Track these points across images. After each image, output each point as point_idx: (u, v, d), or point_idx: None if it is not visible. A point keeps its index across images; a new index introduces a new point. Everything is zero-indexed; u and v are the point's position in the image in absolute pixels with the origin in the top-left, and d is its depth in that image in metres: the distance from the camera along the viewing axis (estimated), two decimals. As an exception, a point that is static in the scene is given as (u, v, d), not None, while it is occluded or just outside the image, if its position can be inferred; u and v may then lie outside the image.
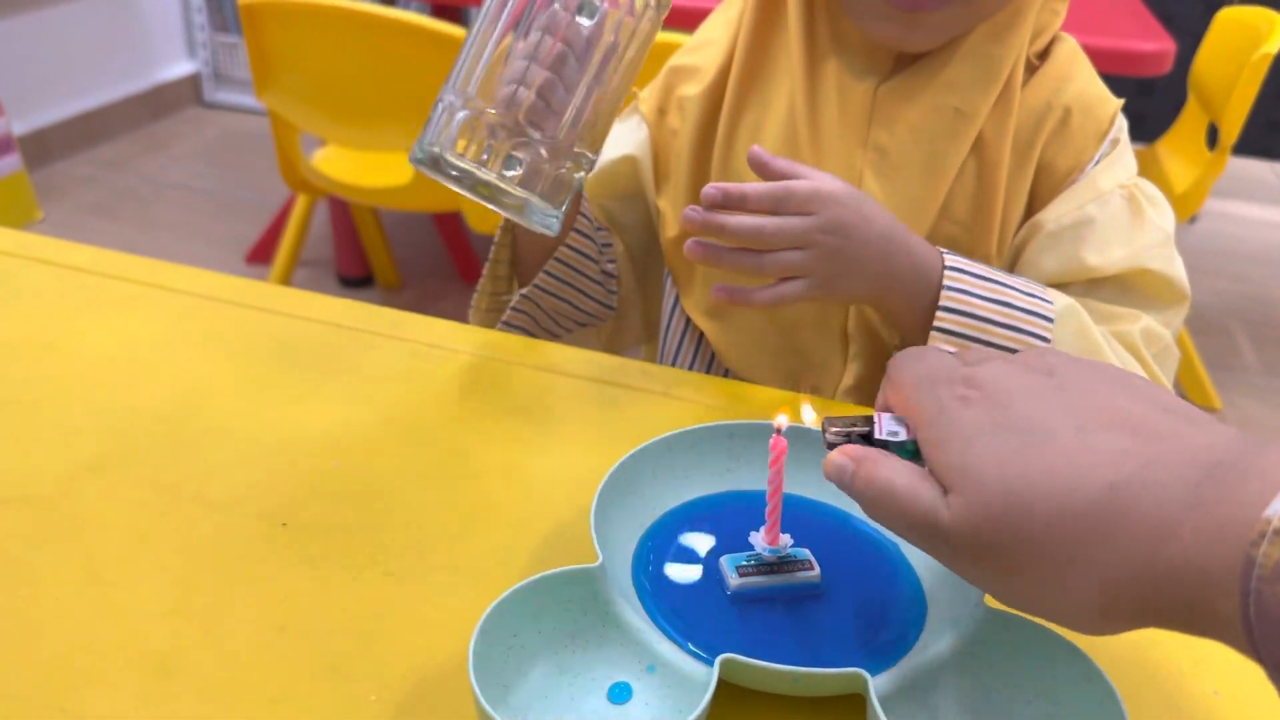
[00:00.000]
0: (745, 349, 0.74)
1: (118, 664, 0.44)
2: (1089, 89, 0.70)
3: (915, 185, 0.68)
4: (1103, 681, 0.40)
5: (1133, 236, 0.68)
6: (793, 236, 0.60)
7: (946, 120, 0.67)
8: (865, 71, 0.68)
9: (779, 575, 0.47)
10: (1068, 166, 0.69)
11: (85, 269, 0.74)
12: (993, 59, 0.66)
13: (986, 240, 0.69)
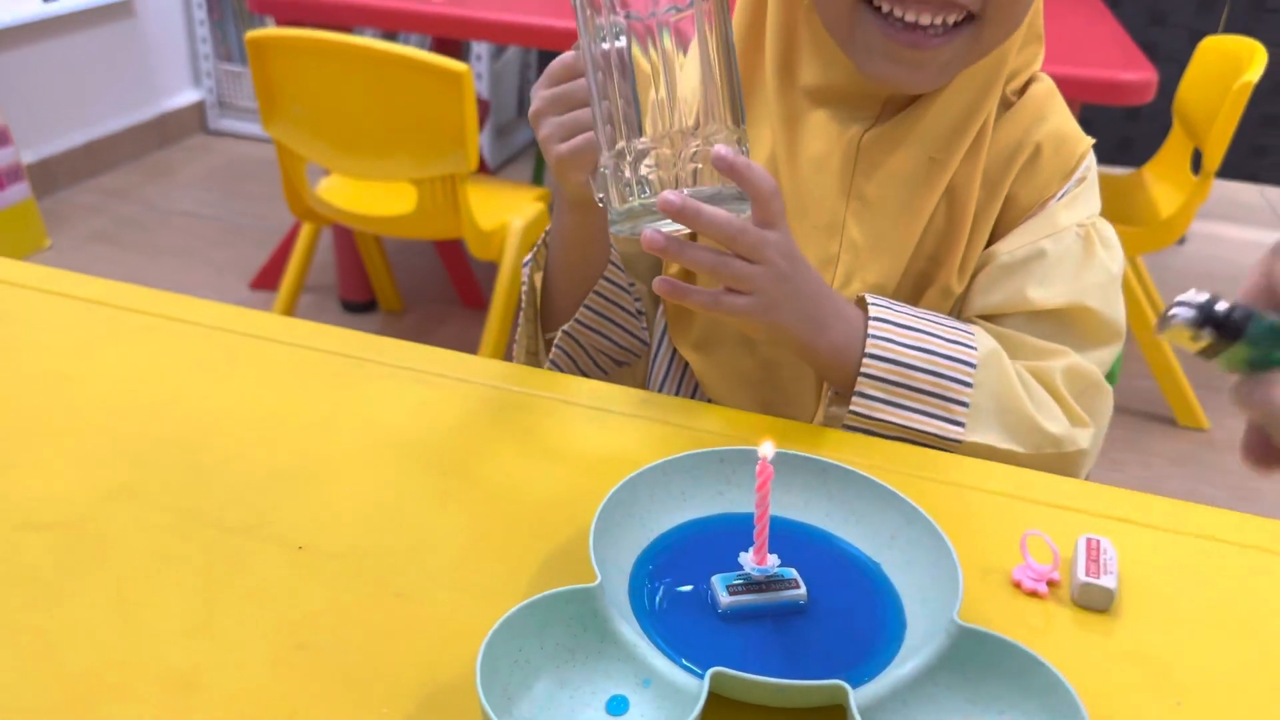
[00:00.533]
0: (727, 382, 0.77)
1: (143, 680, 0.46)
2: (1062, 128, 0.73)
3: (893, 229, 0.71)
4: (1067, 693, 0.43)
5: (1079, 274, 0.70)
6: (752, 244, 0.61)
7: (923, 168, 0.70)
8: (850, 120, 0.71)
9: (767, 594, 0.50)
10: (1031, 200, 0.72)
11: (102, 301, 0.77)
12: (969, 109, 0.69)
13: (949, 270, 0.72)
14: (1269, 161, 2.85)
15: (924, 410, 0.66)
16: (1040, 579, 0.54)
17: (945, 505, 0.60)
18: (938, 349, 0.66)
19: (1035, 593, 0.54)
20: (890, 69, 0.66)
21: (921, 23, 0.64)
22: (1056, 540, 0.55)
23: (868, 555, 0.54)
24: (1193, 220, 2.93)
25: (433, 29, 1.91)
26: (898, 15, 0.64)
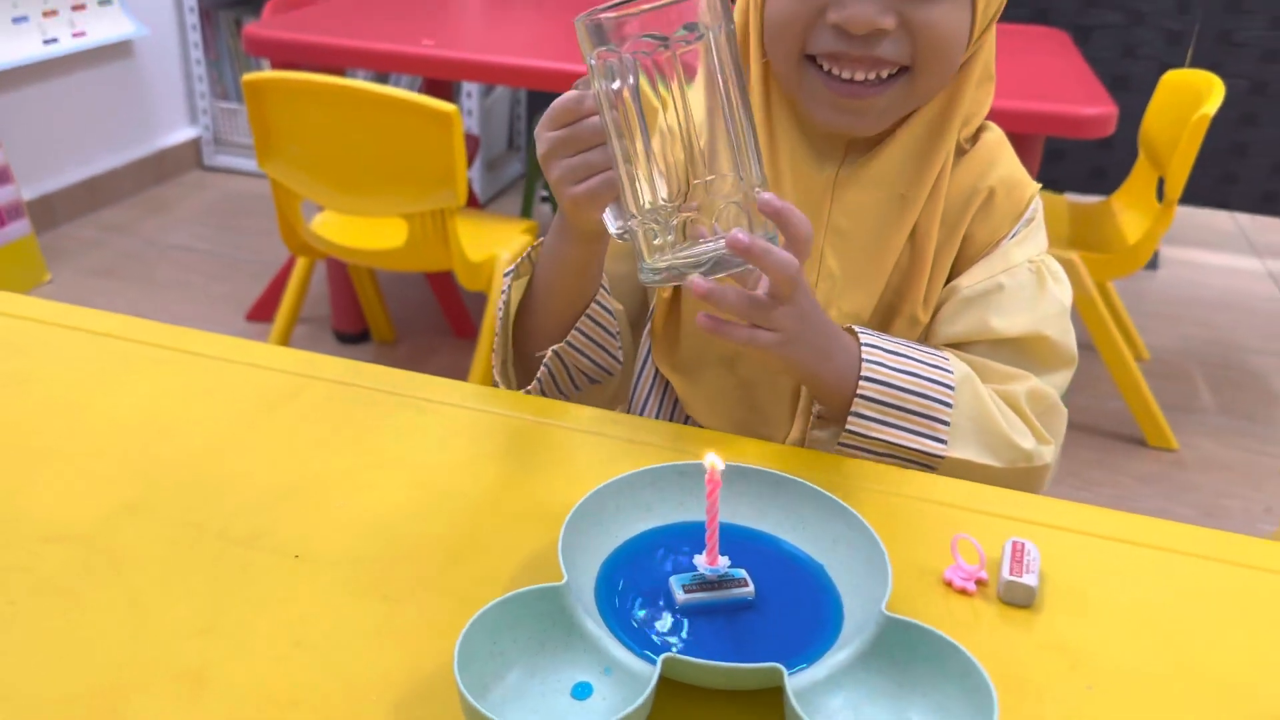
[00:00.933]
0: (707, 401, 0.83)
1: (158, 675, 0.52)
2: (1012, 174, 0.79)
3: (867, 261, 0.77)
4: (980, 675, 0.49)
5: (1035, 305, 0.77)
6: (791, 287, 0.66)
7: (893, 204, 0.76)
8: (823, 159, 0.77)
9: (718, 591, 0.56)
10: (986, 239, 0.78)
11: (113, 335, 0.83)
12: (930, 150, 0.75)
13: (914, 302, 0.78)
14: (1239, 189, 2.93)
15: (911, 429, 0.72)
16: (969, 578, 0.60)
17: (885, 514, 0.65)
18: (921, 372, 0.72)
19: (965, 591, 0.59)
20: (835, 116, 0.73)
21: (856, 79, 0.70)
22: (985, 544, 0.61)
23: (812, 557, 0.59)
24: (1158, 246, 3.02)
25: (423, 70, 1.98)
26: (836, 72, 0.71)
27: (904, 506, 0.67)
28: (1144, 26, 2.80)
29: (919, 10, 0.68)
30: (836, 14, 0.68)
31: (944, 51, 0.70)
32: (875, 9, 0.68)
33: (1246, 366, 2.43)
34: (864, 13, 0.67)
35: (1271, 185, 2.89)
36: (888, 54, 0.69)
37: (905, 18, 0.68)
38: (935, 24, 0.69)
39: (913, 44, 0.69)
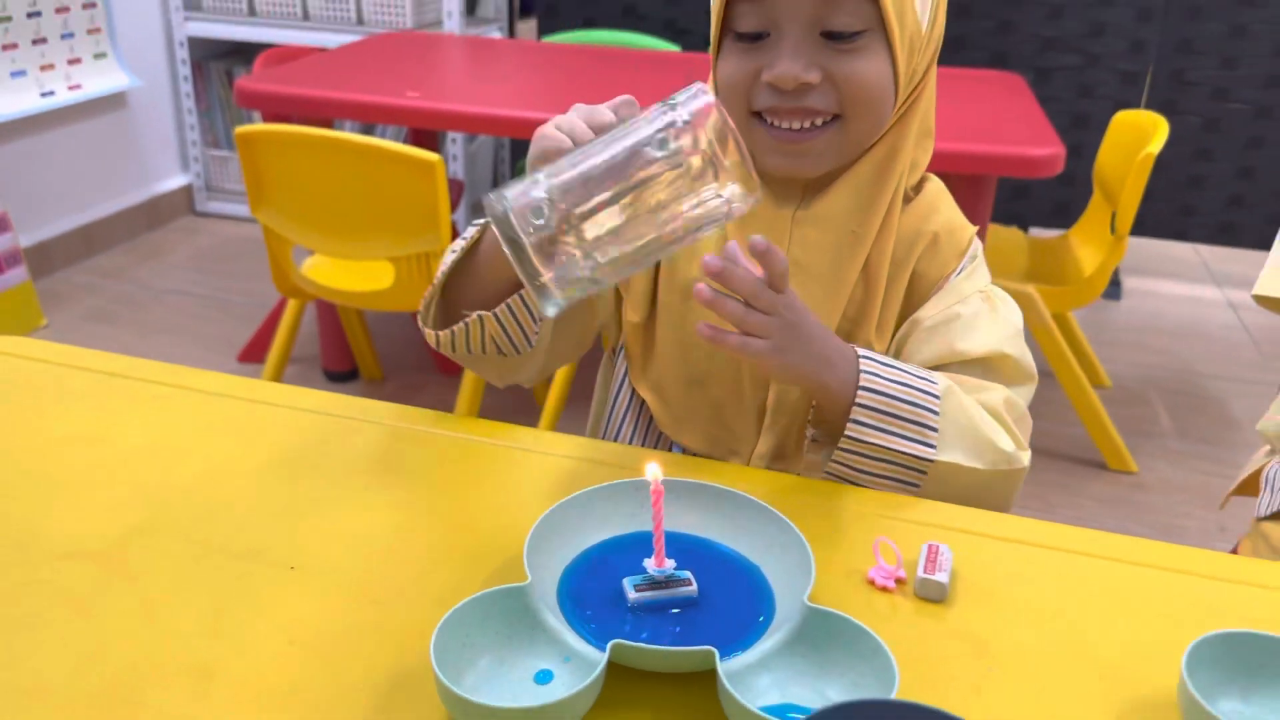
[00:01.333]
0: (678, 419, 0.90)
1: (169, 672, 0.59)
2: (952, 218, 0.88)
3: (824, 291, 0.84)
4: (886, 655, 0.56)
5: (992, 328, 0.85)
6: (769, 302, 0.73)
7: (846, 241, 0.84)
8: (782, 200, 0.85)
9: (665, 590, 0.63)
10: (935, 276, 0.87)
11: (119, 374, 0.90)
12: (876, 192, 0.83)
13: (867, 331, 0.86)
14: (1197, 220, 3.04)
15: (904, 434, 0.77)
16: (889, 577, 0.68)
17: (816, 522, 0.73)
18: (911, 382, 0.78)
19: (885, 588, 0.67)
20: (780, 161, 0.81)
21: (794, 127, 0.79)
22: (905, 548, 0.69)
23: (749, 559, 0.67)
24: (1121, 277, 3.12)
25: (408, 121, 2.08)
26: (777, 123, 0.79)
27: (833, 516, 0.75)
28: (1099, 68, 2.92)
29: (839, 65, 0.77)
30: (769, 74, 0.77)
31: (868, 99, 0.78)
32: (800, 66, 0.76)
33: (1205, 392, 2.52)
34: (791, 70, 0.76)
35: (1228, 217, 3.00)
36: (817, 104, 0.78)
37: (828, 72, 0.77)
38: (856, 75, 0.77)
39: (839, 94, 0.78)
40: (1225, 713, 0.56)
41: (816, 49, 0.77)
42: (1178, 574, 0.70)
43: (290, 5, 3.20)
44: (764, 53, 0.78)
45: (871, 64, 0.78)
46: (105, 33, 3.02)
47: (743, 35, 0.79)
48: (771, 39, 0.78)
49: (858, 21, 0.76)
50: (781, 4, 0.76)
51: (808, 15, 0.76)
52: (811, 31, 0.77)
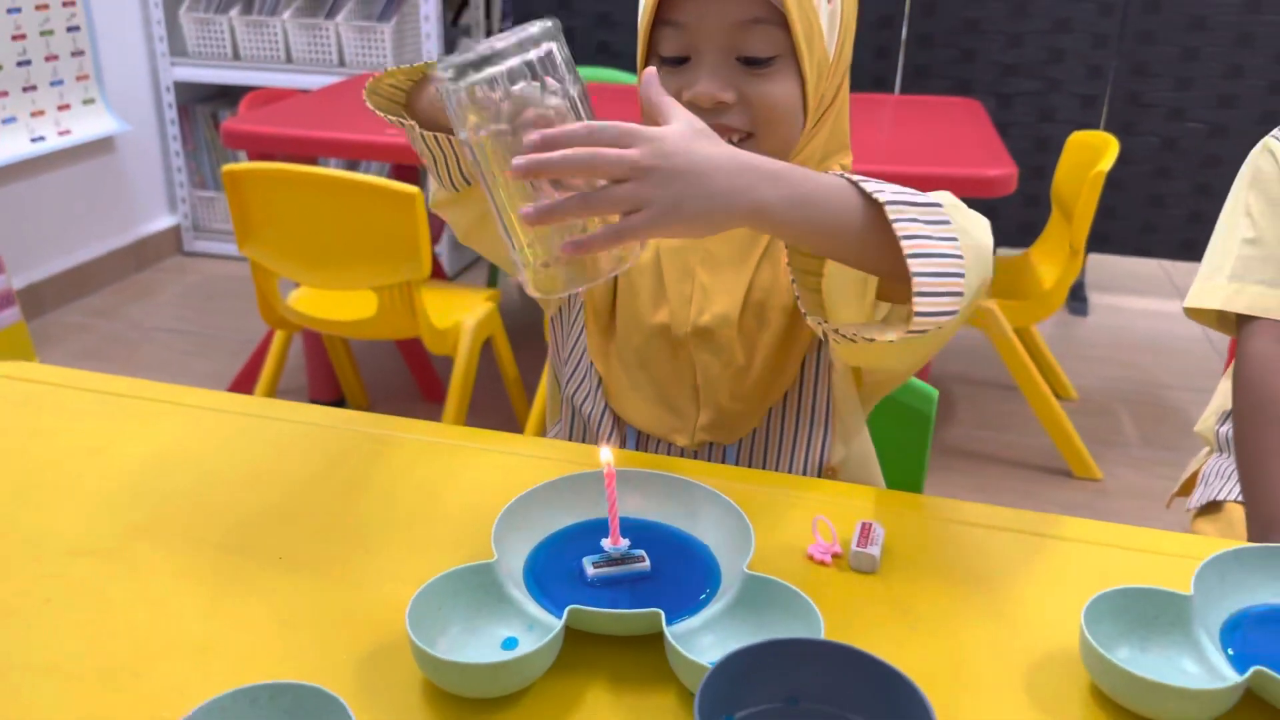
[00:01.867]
0: (624, 396, 0.95)
1: (171, 648, 0.65)
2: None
3: (730, 274, 0.92)
4: (814, 613, 0.63)
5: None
6: (616, 159, 0.64)
7: (753, 236, 0.91)
8: None
9: (620, 566, 0.70)
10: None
11: (120, 393, 0.97)
12: None
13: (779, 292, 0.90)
14: (1159, 237, 3.14)
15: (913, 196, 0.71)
16: (825, 552, 0.74)
17: (760, 503, 0.80)
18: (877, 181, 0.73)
19: (823, 562, 0.74)
20: None
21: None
22: (841, 527, 0.76)
23: (699, 539, 0.74)
24: (1077, 293, 3.20)
25: (389, 156, 2.16)
26: None
27: (775, 501, 0.81)
28: (1059, 93, 3.03)
29: (753, 87, 0.84)
30: (689, 93, 0.84)
31: (778, 119, 0.85)
32: (717, 86, 0.83)
33: (1168, 402, 2.60)
34: (709, 89, 0.83)
35: (1188, 233, 3.10)
36: (732, 123, 0.84)
37: (743, 93, 0.84)
38: (768, 96, 0.84)
39: (751, 114, 0.84)
40: (1122, 659, 0.62)
41: (733, 72, 0.84)
42: (1081, 544, 0.77)
43: (274, 49, 3.29)
44: (685, 75, 0.85)
45: (782, 87, 0.84)
46: (93, 79, 3.11)
47: (666, 59, 0.86)
48: (692, 63, 0.85)
49: (770, 48, 0.83)
50: (701, 31, 0.83)
51: (725, 42, 0.83)
52: (728, 57, 0.84)
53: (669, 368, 0.93)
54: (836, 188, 0.71)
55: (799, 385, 0.94)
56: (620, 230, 0.66)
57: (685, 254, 0.93)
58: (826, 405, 0.94)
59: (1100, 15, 2.94)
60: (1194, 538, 0.79)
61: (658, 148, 0.66)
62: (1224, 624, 0.67)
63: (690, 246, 0.93)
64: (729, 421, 0.93)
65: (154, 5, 3.28)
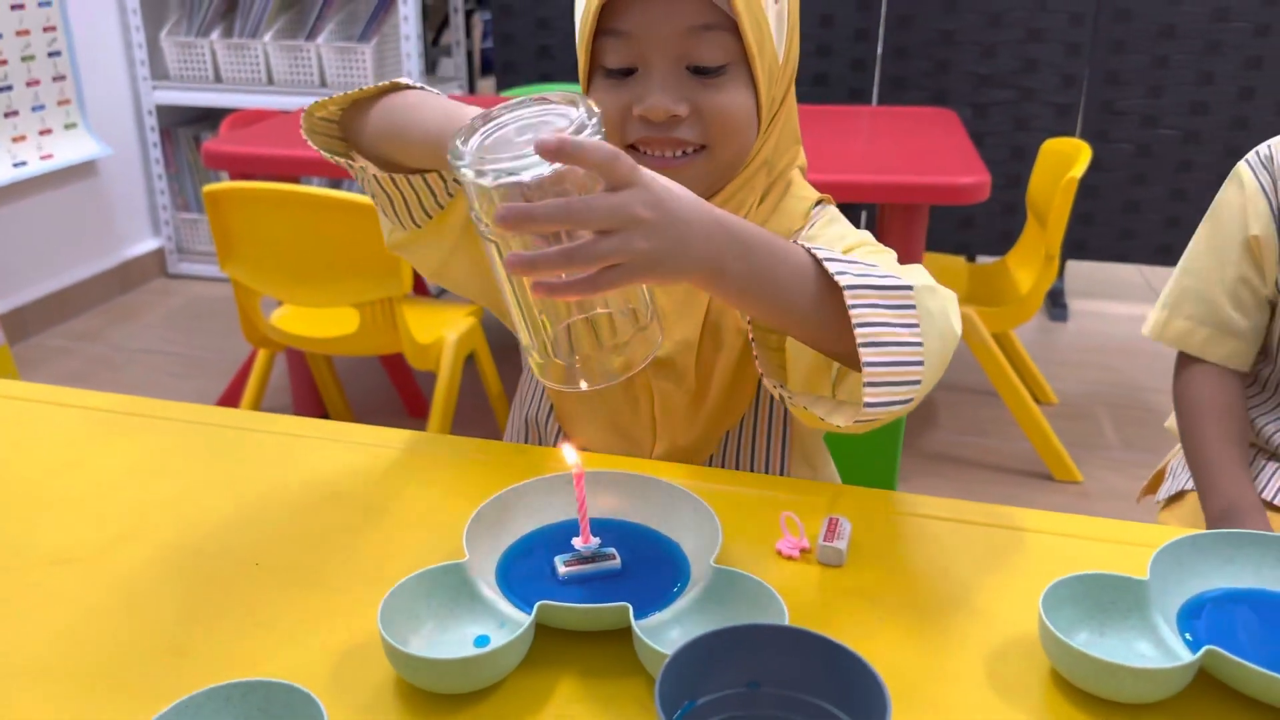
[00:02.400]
0: (577, 420, 0.94)
1: (149, 652, 0.66)
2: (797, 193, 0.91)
3: (686, 295, 0.89)
4: (779, 603, 0.64)
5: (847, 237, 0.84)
6: (607, 210, 0.60)
7: None
8: None
9: (591, 564, 0.71)
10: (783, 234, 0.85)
11: (101, 408, 0.98)
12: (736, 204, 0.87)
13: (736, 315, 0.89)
14: (1136, 243, 3.17)
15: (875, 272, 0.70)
16: (794, 547, 0.76)
17: (729, 502, 0.81)
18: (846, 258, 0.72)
19: (791, 557, 0.75)
20: None
21: (666, 155, 0.84)
22: (809, 523, 0.77)
23: (669, 537, 0.75)
24: (1057, 299, 3.23)
25: (369, 173, 2.17)
26: (650, 153, 0.84)
27: (744, 500, 0.83)
28: (1034, 102, 3.06)
29: (706, 98, 0.81)
30: (640, 108, 0.81)
31: (733, 131, 0.83)
32: (670, 99, 0.80)
33: (1148, 405, 2.62)
34: (660, 103, 0.80)
35: (1165, 238, 3.14)
36: (685, 136, 0.82)
37: (695, 105, 0.81)
38: (721, 108, 0.81)
39: (704, 126, 0.82)
40: (1080, 642, 0.64)
41: (683, 82, 0.81)
42: (1042, 534, 0.79)
43: (255, 70, 3.31)
44: (633, 87, 0.82)
45: (735, 96, 0.82)
46: (75, 103, 3.12)
47: (612, 71, 0.83)
48: (640, 74, 0.82)
49: (721, 55, 0.80)
50: (649, 40, 0.80)
51: (674, 50, 0.80)
52: (678, 66, 0.81)
53: (624, 396, 0.91)
54: (799, 267, 0.70)
55: (755, 408, 0.92)
56: (597, 283, 0.61)
57: None
58: (784, 427, 0.93)
59: (1072, 25, 2.98)
60: (1153, 526, 0.81)
61: (647, 197, 0.62)
62: (1181, 608, 0.69)
63: None
64: (686, 449, 0.92)
65: (135, 29, 3.30)
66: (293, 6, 3.33)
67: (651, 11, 0.80)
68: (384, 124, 0.82)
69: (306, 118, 0.84)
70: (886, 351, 0.68)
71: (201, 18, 3.33)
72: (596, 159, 0.60)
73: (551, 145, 0.59)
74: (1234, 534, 0.72)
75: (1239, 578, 0.71)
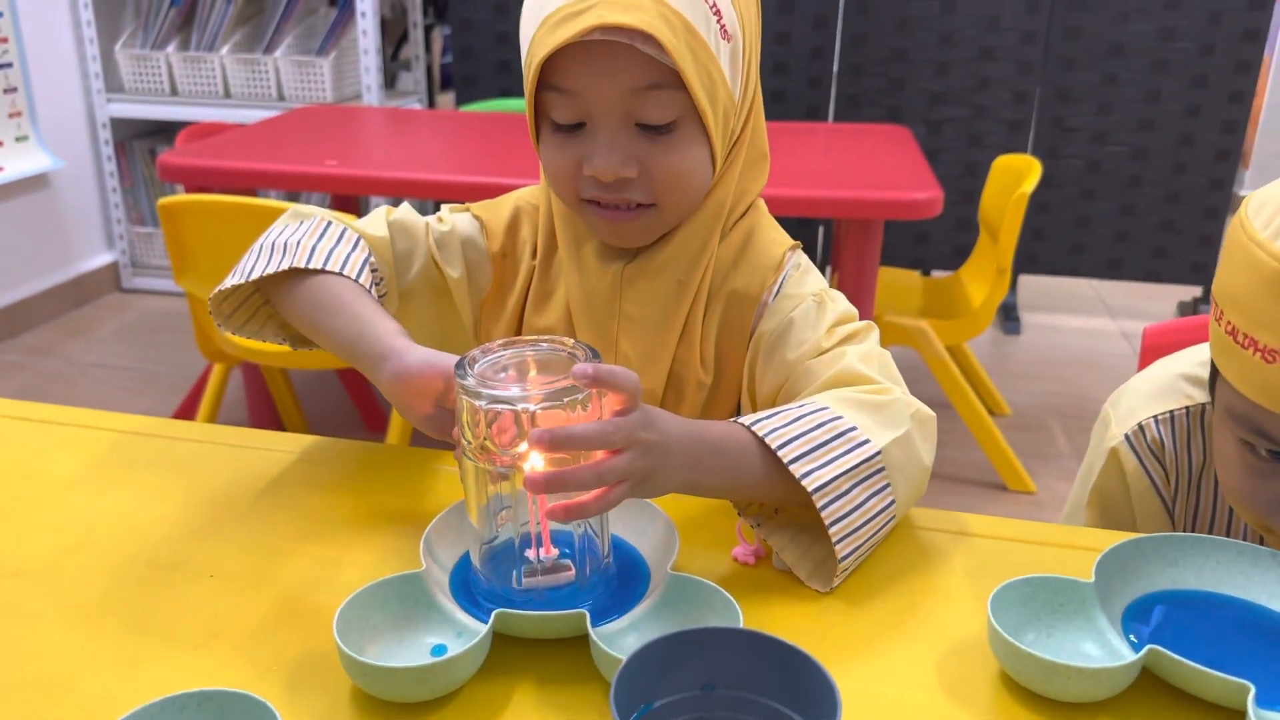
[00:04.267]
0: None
1: (100, 663, 0.66)
2: (766, 237, 0.89)
3: (653, 342, 0.89)
4: (733, 607, 0.65)
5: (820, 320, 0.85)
6: (627, 433, 0.66)
7: (673, 290, 0.88)
8: (613, 257, 0.89)
9: (550, 575, 0.71)
10: (754, 293, 0.87)
11: (52, 420, 0.97)
12: (704, 238, 0.87)
13: (695, 368, 0.89)
14: (1086, 257, 3.24)
15: (843, 450, 0.74)
16: (750, 553, 0.76)
17: (686, 511, 0.82)
18: (799, 414, 0.75)
19: (747, 563, 0.76)
20: (607, 232, 0.86)
21: (618, 207, 0.83)
22: (765, 528, 0.78)
23: (630, 544, 0.75)
24: (1010, 313, 3.29)
25: (327, 188, 2.17)
26: (603, 203, 0.83)
27: (701, 505, 0.83)
28: (986, 119, 3.12)
29: (655, 156, 0.80)
30: (588, 167, 0.80)
31: (682, 188, 0.82)
32: (618, 160, 0.79)
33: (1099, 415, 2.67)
34: (609, 164, 0.79)
35: (1114, 252, 3.20)
36: (634, 196, 0.81)
37: (644, 164, 0.80)
38: (672, 167, 0.80)
39: (654, 186, 0.81)
40: (1028, 643, 0.65)
41: (632, 139, 0.79)
42: (991, 539, 0.80)
43: (211, 83, 3.29)
44: (582, 143, 0.81)
45: (686, 153, 0.80)
46: (26, 116, 3.08)
47: (560, 125, 0.81)
48: (588, 129, 0.80)
49: (670, 112, 0.78)
50: (593, 99, 0.78)
51: (620, 108, 0.78)
52: (626, 123, 0.79)
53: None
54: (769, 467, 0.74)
55: None
56: (610, 499, 0.67)
57: (604, 320, 0.89)
58: None
59: (1023, 43, 3.04)
60: (1098, 531, 0.83)
61: (645, 420, 0.68)
62: (1125, 609, 0.70)
63: (609, 311, 0.89)
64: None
65: (89, 41, 3.26)
66: (250, 20, 3.31)
67: (594, 71, 0.77)
68: (297, 316, 0.88)
69: (217, 313, 0.91)
70: (861, 534, 0.74)
71: (157, 30, 3.30)
72: (629, 387, 0.66)
73: (589, 374, 0.65)
74: (1177, 537, 0.74)
75: (1181, 579, 0.73)
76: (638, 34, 0.75)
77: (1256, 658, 0.66)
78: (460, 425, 0.68)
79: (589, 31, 0.74)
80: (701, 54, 0.77)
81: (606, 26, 0.74)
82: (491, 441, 0.67)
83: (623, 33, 0.75)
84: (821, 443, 0.74)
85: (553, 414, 0.65)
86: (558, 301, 0.92)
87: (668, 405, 0.90)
